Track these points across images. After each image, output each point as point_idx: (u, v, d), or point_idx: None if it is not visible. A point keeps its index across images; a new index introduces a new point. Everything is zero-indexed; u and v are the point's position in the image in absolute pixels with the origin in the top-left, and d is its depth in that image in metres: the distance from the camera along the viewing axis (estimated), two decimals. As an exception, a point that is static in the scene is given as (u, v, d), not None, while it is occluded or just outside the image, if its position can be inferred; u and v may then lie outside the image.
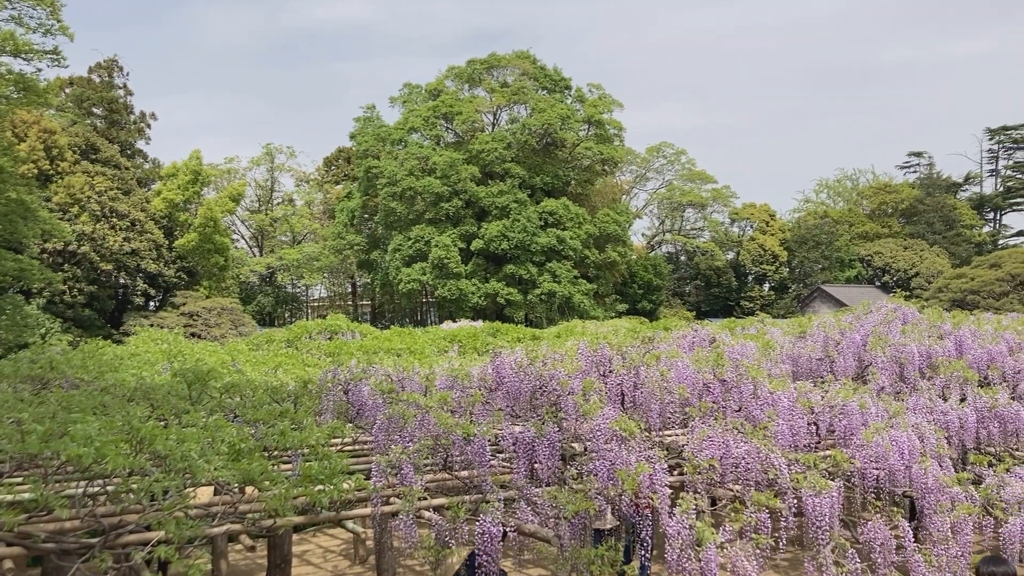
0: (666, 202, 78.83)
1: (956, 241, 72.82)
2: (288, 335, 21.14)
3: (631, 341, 10.02)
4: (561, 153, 58.15)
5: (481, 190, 54.12)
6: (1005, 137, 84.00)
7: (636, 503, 7.19)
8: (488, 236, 52.86)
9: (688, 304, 73.89)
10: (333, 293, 75.70)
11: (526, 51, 61.04)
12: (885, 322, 12.22)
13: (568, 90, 60.92)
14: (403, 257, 53.89)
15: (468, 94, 60.99)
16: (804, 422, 8.69)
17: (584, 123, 59.00)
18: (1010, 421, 9.86)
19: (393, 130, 58.46)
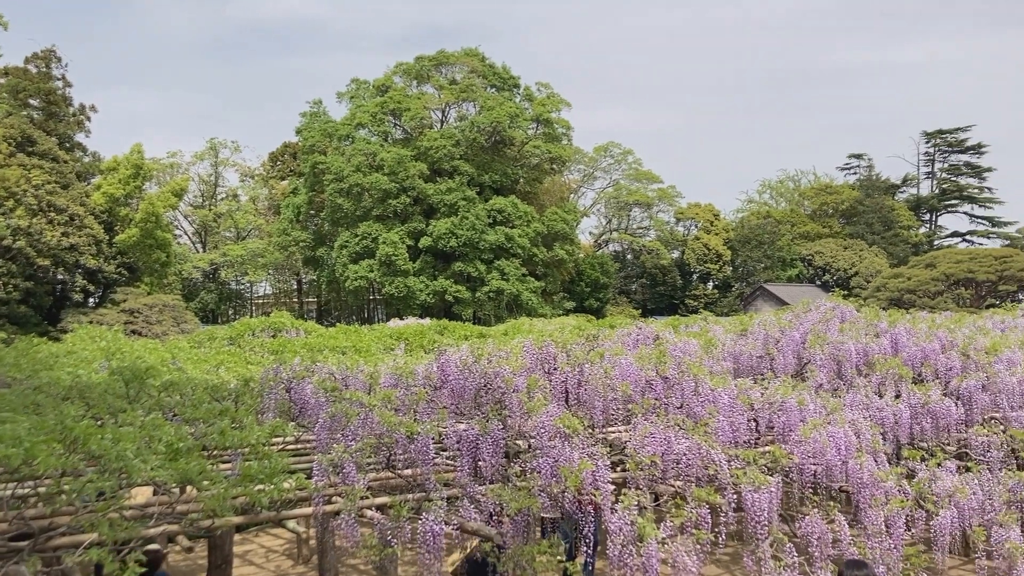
0: (613, 201, 79.51)
1: (894, 241, 74.69)
2: (231, 332, 20.82)
3: (576, 339, 10.06)
4: (510, 151, 58.24)
5: (430, 187, 53.93)
6: (941, 141, 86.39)
7: (579, 500, 7.23)
8: (436, 233, 52.71)
9: (634, 302, 74.61)
10: (278, 290, 74.77)
11: (475, 48, 61.04)
12: (824, 320, 12.45)
13: (517, 88, 61.04)
14: (350, 254, 53.45)
15: (416, 91, 60.73)
16: (744, 418, 8.82)
17: (533, 122, 59.17)
18: (942, 417, 10.13)
19: (340, 126, 57.93)
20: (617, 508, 6.97)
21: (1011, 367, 11.01)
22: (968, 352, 11.45)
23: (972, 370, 11.01)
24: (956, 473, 9.27)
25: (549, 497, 7.11)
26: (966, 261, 56.34)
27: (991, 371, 10.85)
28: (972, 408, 10.51)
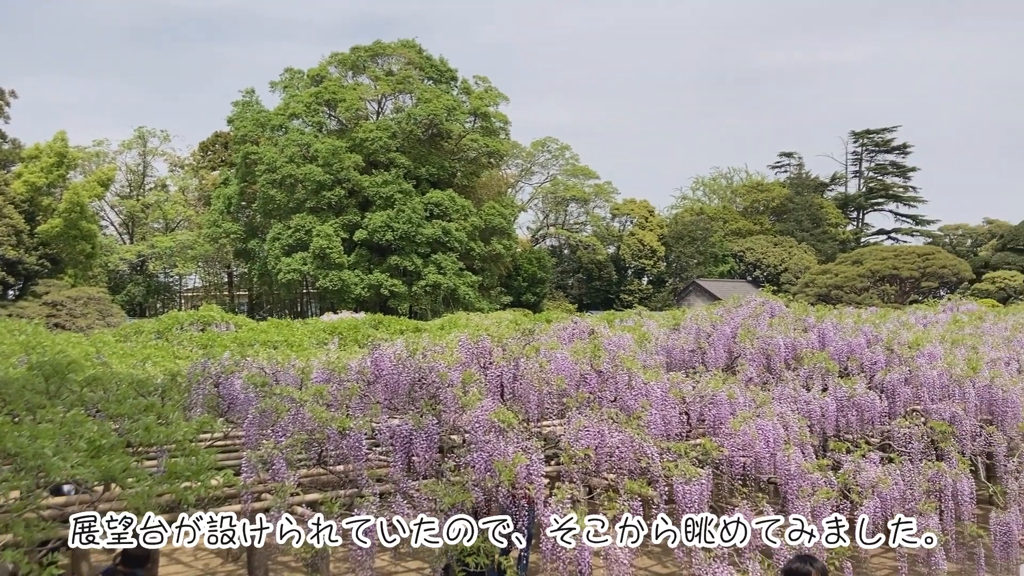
0: (550, 196, 79.86)
1: (822, 239, 76.62)
2: (158, 326, 20.32)
3: (512, 333, 10.05)
4: (447, 144, 58.01)
5: (365, 179, 53.41)
6: (868, 140, 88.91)
7: (513, 494, 7.23)
8: (372, 226, 52.24)
9: (571, 297, 75.12)
10: (208, 283, 73.15)
11: (412, 40, 60.59)
12: (754, 315, 12.66)
13: (454, 81, 60.81)
14: (282, 246, 52.63)
15: (352, 81, 60.04)
16: (676, 412, 8.93)
17: (470, 115, 59.05)
18: (867, 409, 10.40)
19: (273, 116, 56.96)
20: (551, 502, 6.98)
21: (932, 361, 11.36)
22: (892, 347, 11.77)
23: (895, 364, 11.32)
24: (879, 464, 9.52)
25: (483, 492, 7.09)
26: (891, 258, 58.13)
27: (913, 365, 11.18)
28: (895, 401, 10.81)
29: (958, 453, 10.15)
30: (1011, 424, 10.77)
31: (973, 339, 13.76)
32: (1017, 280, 60.35)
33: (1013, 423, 10.77)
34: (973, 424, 10.63)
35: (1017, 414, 10.84)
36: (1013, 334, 15.49)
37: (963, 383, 10.88)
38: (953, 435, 10.29)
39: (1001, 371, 11.65)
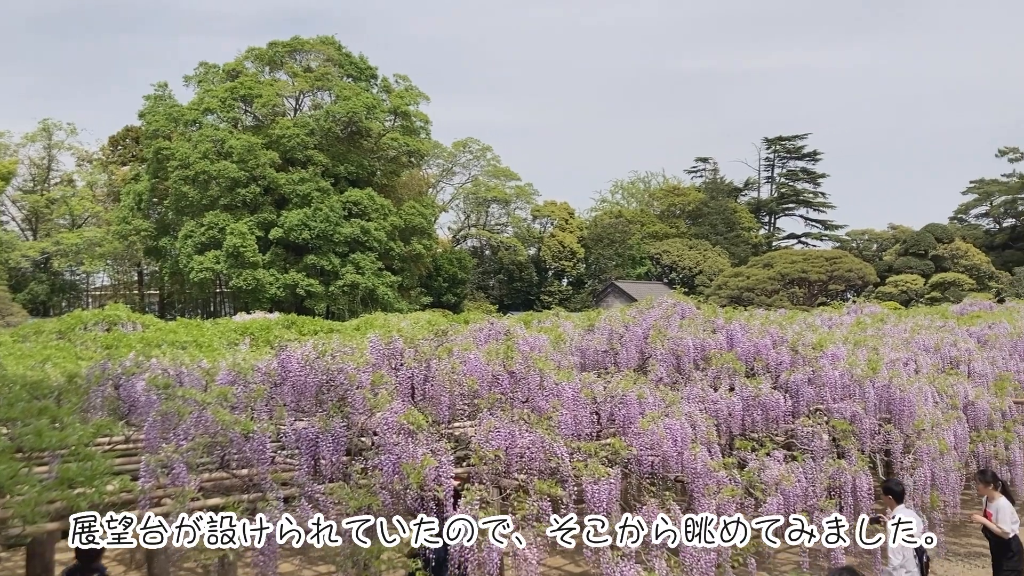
0: (472, 197, 79.84)
1: (736, 242, 78.57)
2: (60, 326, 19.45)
3: (425, 334, 9.97)
4: (366, 143, 57.40)
5: (281, 177, 52.43)
6: (780, 147, 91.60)
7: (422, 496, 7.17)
8: (288, 225, 51.33)
9: (492, 297, 75.23)
10: (117, 282, 70.68)
11: (331, 37, 59.74)
12: (665, 317, 12.83)
13: (374, 79, 60.22)
14: (195, 244, 51.25)
15: (269, 77, 58.89)
16: (587, 412, 9.00)
17: (390, 114, 58.55)
18: (771, 408, 10.66)
19: (187, 110, 55.42)
20: (460, 503, 6.95)
21: (835, 362, 11.72)
22: (797, 347, 12.08)
23: (800, 364, 11.64)
24: (783, 462, 9.79)
25: (391, 494, 7.01)
26: (800, 262, 59.96)
27: (817, 366, 11.52)
28: (799, 400, 11.11)
29: (858, 451, 10.51)
30: (907, 422, 11.20)
31: (875, 340, 14.26)
32: (918, 283, 62.98)
33: (909, 421, 11.21)
34: (872, 423, 11.03)
35: (913, 412, 11.28)
36: (912, 336, 16.12)
37: (863, 383, 11.27)
38: (853, 433, 10.65)
39: (899, 371, 12.12)
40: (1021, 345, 16.44)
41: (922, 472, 10.64)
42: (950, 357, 14.92)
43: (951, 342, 15.44)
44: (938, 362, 14.46)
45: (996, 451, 12.21)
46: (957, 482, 11.14)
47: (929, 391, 12.03)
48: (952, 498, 11.01)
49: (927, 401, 11.78)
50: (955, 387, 12.81)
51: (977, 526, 11.06)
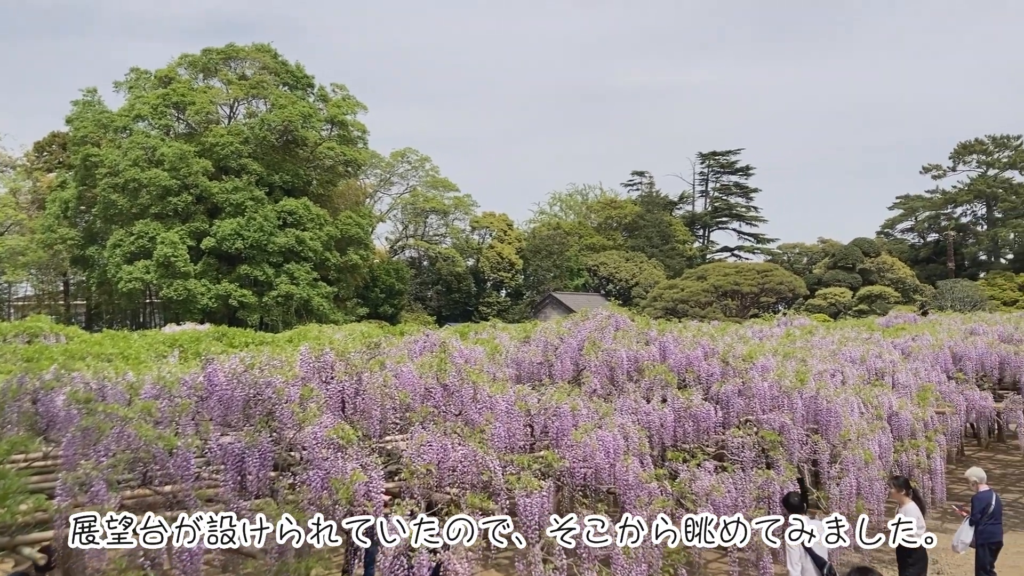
0: (410, 207, 79.47)
1: (671, 255, 79.73)
2: (-24, 338, 18.70)
3: (357, 346, 9.85)
4: (302, 152, 56.70)
5: (214, 185, 51.46)
6: (714, 162, 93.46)
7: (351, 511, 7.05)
8: (221, 234, 50.35)
9: (429, 309, 74.89)
10: (42, 292, 68.36)
11: (267, 45, 58.95)
12: (600, 328, 12.91)
13: (311, 88, 59.58)
14: (124, 254, 49.90)
15: (203, 84, 57.79)
16: (521, 424, 8.99)
17: (327, 123, 57.98)
18: (703, 419, 10.80)
19: (117, 117, 54.00)
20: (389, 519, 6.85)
21: (764, 373, 11.92)
22: (727, 359, 12.26)
23: (731, 376, 11.81)
24: (714, 473, 9.91)
25: (320, 510, 6.88)
26: (733, 274, 61.06)
27: (747, 377, 11.69)
28: (729, 411, 11.27)
29: (786, 461, 10.70)
30: (834, 433, 11.44)
31: (803, 352, 14.57)
32: (846, 296, 64.67)
33: (836, 431, 11.45)
34: (800, 433, 11.23)
35: (839, 423, 11.52)
36: (839, 347, 16.52)
37: (792, 394, 11.47)
38: (782, 444, 10.84)
39: (827, 383, 12.37)
40: (943, 357, 16.97)
41: (848, 481, 10.87)
42: (875, 369, 15.32)
43: (876, 354, 15.86)
44: (864, 373, 14.84)
45: (919, 460, 12.54)
46: (881, 491, 11.40)
47: (855, 402, 12.31)
48: (876, 506, 11.24)
49: (853, 412, 12.05)
50: (880, 398, 13.14)
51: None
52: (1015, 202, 78.10)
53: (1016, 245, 78.17)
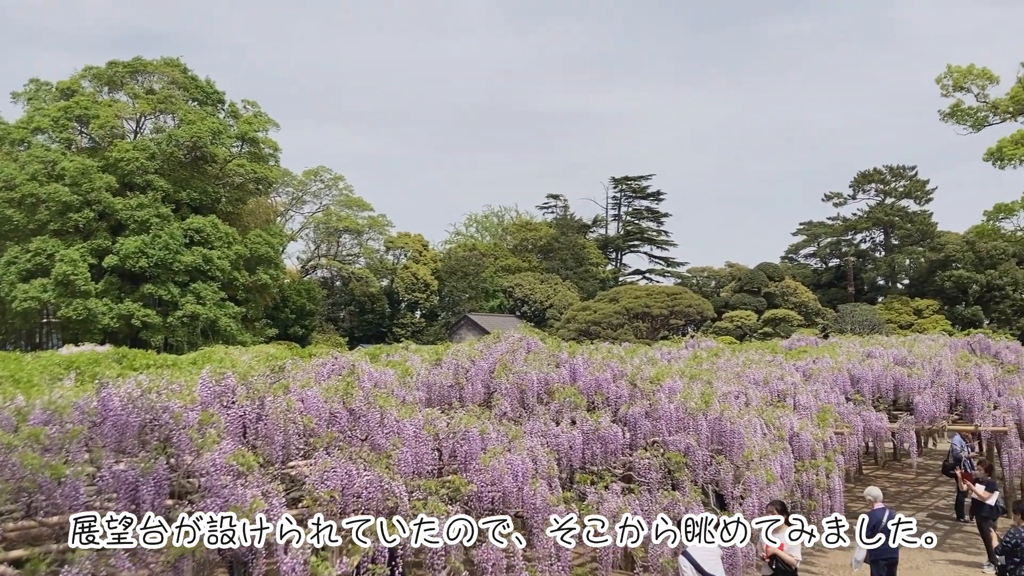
0: (322, 226, 78.41)
1: (585, 277, 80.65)
2: None
3: (261, 369, 9.60)
4: (211, 169, 55.39)
5: (118, 202, 49.76)
6: (626, 187, 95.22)
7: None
8: (124, 252, 48.64)
9: (342, 330, 73.84)
10: (-72, 311, 64.78)
11: (176, 59, 57.47)
12: (511, 351, 12.93)
13: (221, 104, 58.32)
14: (19, 272, 47.68)
15: (108, 97, 55.96)
16: (429, 449, 8.90)
17: (237, 140, 56.80)
18: (610, 441, 10.91)
19: (14, 129, 51.75)
20: (290, 547, 6.67)
21: (671, 395, 12.13)
22: (636, 381, 12.44)
23: (638, 398, 11.98)
24: (621, 495, 10.00)
25: (217, 540, 6.65)
26: (644, 297, 62.09)
27: (654, 399, 11.88)
28: (637, 433, 11.42)
29: (691, 482, 10.88)
30: (737, 454, 11.69)
31: (709, 374, 14.88)
32: (752, 319, 66.50)
33: (739, 452, 11.71)
34: (705, 454, 11.45)
35: (743, 444, 11.79)
36: (744, 369, 16.93)
37: (697, 416, 11.70)
38: (687, 465, 11.02)
39: (731, 404, 12.66)
40: (842, 379, 17.57)
41: (751, 502, 11.09)
42: (778, 390, 15.75)
43: (779, 376, 16.33)
44: (767, 395, 15.24)
45: (819, 480, 12.92)
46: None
47: (758, 423, 12.62)
48: (778, 525, 11.51)
49: (756, 433, 12.34)
50: (782, 419, 13.51)
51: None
52: (910, 230, 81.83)
53: (911, 271, 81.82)
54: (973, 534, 16.47)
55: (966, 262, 73.07)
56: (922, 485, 23.96)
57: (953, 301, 73.34)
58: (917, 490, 23.47)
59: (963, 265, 73.11)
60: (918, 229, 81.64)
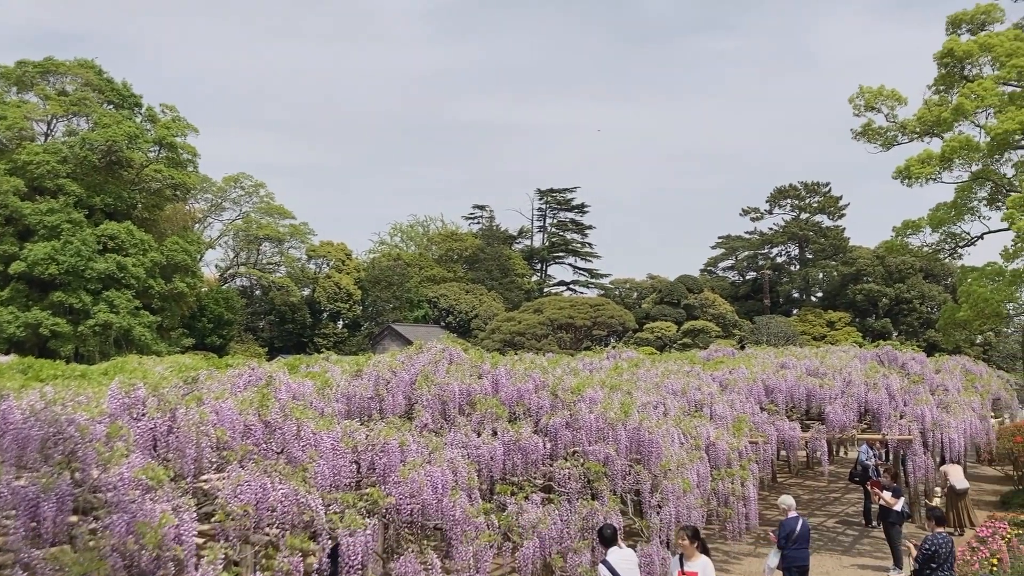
0: (242, 234, 76.71)
1: (510, 288, 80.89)
2: None
3: (174, 381, 9.34)
4: (127, 173, 53.73)
5: (27, 206, 47.86)
6: (551, 199, 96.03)
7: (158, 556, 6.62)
8: (32, 258, 46.79)
9: (261, 340, 72.40)
10: None
11: (90, 61, 55.64)
12: (434, 362, 12.86)
13: (138, 108, 56.67)
14: (-83, 278, 45.50)
15: (16, 98, 53.84)
16: (346, 461, 8.76)
17: (155, 144, 55.26)
18: (531, 452, 10.94)
19: (-88, 129, 49.45)
20: (201, 563, 6.50)
21: (591, 405, 12.22)
22: (557, 392, 12.51)
23: (559, 408, 12.05)
24: (541, 505, 10.03)
25: (123, 556, 6.43)
26: (568, 308, 62.64)
27: (575, 409, 11.96)
28: (557, 443, 11.48)
29: (610, 491, 10.99)
30: (655, 463, 11.86)
31: (629, 384, 15.07)
32: (671, 330, 67.70)
33: (657, 462, 11.87)
34: (624, 464, 11.57)
35: (660, 453, 11.96)
36: (663, 379, 17.21)
37: (616, 426, 11.82)
38: (606, 475, 11.12)
39: (649, 414, 12.84)
40: (756, 389, 18.03)
41: (668, 510, 11.26)
42: (695, 400, 16.07)
43: (696, 386, 16.65)
44: (685, 405, 15.53)
45: (734, 488, 13.20)
46: (699, 519, 11.90)
47: (676, 433, 12.82)
48: (695, 534, 11.71)
49: (674, 442, 12.54)
50: (699, 429, 13.78)
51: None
52: (824, 244, 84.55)
53: (825, 284, 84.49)
54: (880, 539, 17.04)
55: (876, 276, 75.88)
56: (833, 492, 24.70)
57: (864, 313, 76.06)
58: (829, 497, 24.18)
59: (873, 279, 75.91)
60: (831, 244, 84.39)
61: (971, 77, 36.87)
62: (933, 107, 37.32)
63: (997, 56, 34.66)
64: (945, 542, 11.02)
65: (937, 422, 18.43)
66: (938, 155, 36.48)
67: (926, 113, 37.28)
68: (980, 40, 35.80)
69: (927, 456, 18.38)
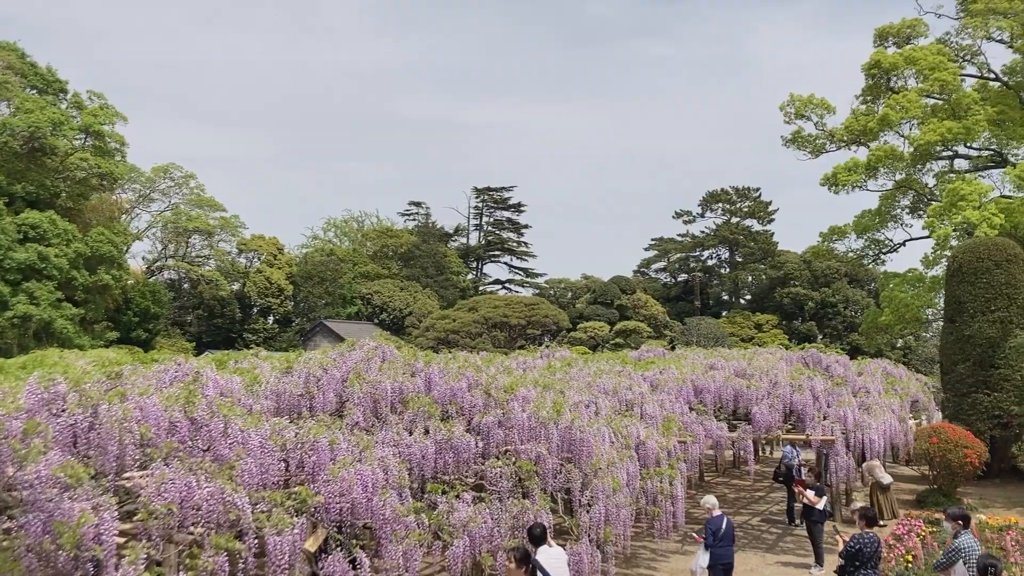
0: (171, 226, 74.86)
1: (445, 285, 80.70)
2: None
3: (96, 376, 9.07)
4: (50, 161, 51.98)
5: (-58, 193, 46.02)
6: (488, 197, 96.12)
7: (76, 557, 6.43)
8: (-52, 248, 45.00)
9: (189, 335, 70.79)
10: None
11: (13, 43, 53.69)
12: (366, 360, 12.74)
13: (64, 94, 54.89)
14: None
15: (-69, 79, 51.65)
16: (275, 459, 8.63)
17: (81, 132, 53.60)
18: (463, 451, 10.91)
19: None
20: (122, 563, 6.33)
21: (524, 404, 12.26)
22: (490, 390, 12.50)
23: (492, 407, 12.05)
24: (471, 504, 10.03)
25: (38, 557, 6.22)
26: (503, 307, 62.76)
27: (507, 408, 11.98)
28: (489, 442, 11.48)
29: (541, 490, 11.04)
30: (586, 462, 11.95)
31: (562, 383, 15.17)
32: (604, 330, 68.34)
33: (588, 461, 11.97)
34: (555, 462, 11.64)
35: (591, 452, 12.07)
36: (595, 379, 17.36)
37: (548, 425, 11.87)
38: (537, 473, 11.17)
39: (581, 414, 12.93)
40: (686, 389, 18.32)
41: (597, 509, 11.36)
42: (626, 400, 16.25)
43: (627, 386, 16.84)
44: (616, 404, 15.69)
45: (662, 487, 13.39)
46: (628, 517, 12.04)
47: (606, 432, 12.95)
48: (623, 531, 11.86)
49: (604, 441, 12.67)
50: (629, 428, 13.94)
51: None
52: (753, 248, 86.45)
53: (753, 287, 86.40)
54: (803, 537, 17.48)
55: (803, 280, 77.85)
56: (759, 491, 25.25)
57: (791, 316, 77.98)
58: (754, 496, 24.71)
59: (800, 283, 77.87)
60: (760, 248, 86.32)
61: (896, 89, 38.11)
62: (860, 117, 38.47)
63: (921, 69, 35.88)
64: (871, 542, 11.35)
65: (859, 423, 19.00)
66: (864, 164, 37.64)
67: (853, 122, 38.40)
68: (905, 53, 37.02)
69: (849, 456, 18.92)
